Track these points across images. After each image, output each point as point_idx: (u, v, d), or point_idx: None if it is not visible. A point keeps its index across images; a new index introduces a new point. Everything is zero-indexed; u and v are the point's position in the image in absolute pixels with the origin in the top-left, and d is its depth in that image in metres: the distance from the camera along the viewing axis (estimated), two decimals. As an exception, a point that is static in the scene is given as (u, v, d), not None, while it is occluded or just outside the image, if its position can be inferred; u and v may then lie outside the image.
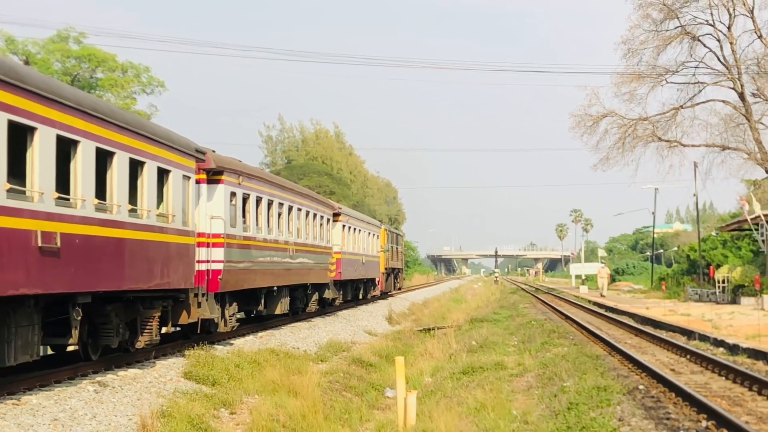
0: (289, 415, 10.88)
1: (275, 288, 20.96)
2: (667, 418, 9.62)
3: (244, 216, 18.10)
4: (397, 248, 47.61)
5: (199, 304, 15.40)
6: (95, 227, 11.27)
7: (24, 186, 9.76)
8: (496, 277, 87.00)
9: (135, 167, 12.72)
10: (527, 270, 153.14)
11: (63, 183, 10.66)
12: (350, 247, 31.44)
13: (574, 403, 10.47)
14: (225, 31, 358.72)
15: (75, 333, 11.17)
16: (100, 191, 11.58)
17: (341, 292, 30.60)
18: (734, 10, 37.98)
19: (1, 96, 9.12)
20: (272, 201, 20.44)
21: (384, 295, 41.81)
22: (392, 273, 44.96)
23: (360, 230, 33.88)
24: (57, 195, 10.30)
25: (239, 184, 17.65)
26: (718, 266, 43.70)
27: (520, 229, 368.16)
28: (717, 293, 36.56)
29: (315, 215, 25.47)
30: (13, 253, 9.33)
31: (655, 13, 39.08)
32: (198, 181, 15.77)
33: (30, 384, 10.45)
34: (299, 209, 23.36)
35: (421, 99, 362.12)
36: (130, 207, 12.44)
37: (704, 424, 9.26)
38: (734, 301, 33.83)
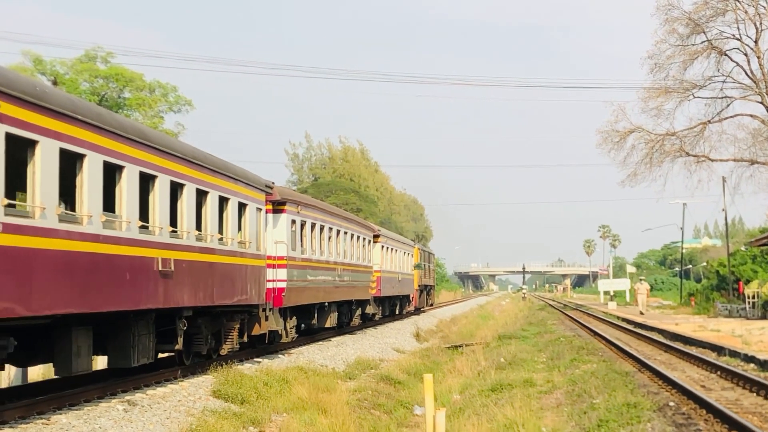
0: (318, 433, 10.82)
1: (326, 304, 23.23)
2: (699, 436, 9.68)
3: (301, 240, 20.47)
4: (429, 266, 49.06)
5: (266, 318, 17.69)
6: (195, 254, 13.71)
7: (148, 222, 12.16)
8: (524, 293, 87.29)
9: (222, 203, 15.20)
10: (555, 286, 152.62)
11: (173, 217, 13.07)
12: (388, 266, 33.35)
13: (604, 420, 10.49)
14: (251, 48, 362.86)
15: (180, 341, 13.53)
16: (198, 223, 14.00)
17: (380, 308, 32.33)
18: (761, 24, 37.57)
19: (135, 153, 11.59)
20: (324, 226, 22.80)
21: (417, 311, 43.29)
22: (425, 290, 46.47)
23: (396, 250, 35.73)
24: (171, 229, 12.70)
25: (298, 212, 20.01)
26: (748, 281, 43.06)
27: (548, 245, 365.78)
28: (747, 309, 36.36)
29: (358, 237, 27.64)
30: (143, 275, 11.74)
31: (682, 27, 38.65)
32: (266, 211, 17.99)
33: (60, 403, 10.57)
34: (345, 232, 25.58)
35: (446, 115, 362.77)
36: (219, 236, 14.86)
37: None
38: (764, 317, 33.75)
